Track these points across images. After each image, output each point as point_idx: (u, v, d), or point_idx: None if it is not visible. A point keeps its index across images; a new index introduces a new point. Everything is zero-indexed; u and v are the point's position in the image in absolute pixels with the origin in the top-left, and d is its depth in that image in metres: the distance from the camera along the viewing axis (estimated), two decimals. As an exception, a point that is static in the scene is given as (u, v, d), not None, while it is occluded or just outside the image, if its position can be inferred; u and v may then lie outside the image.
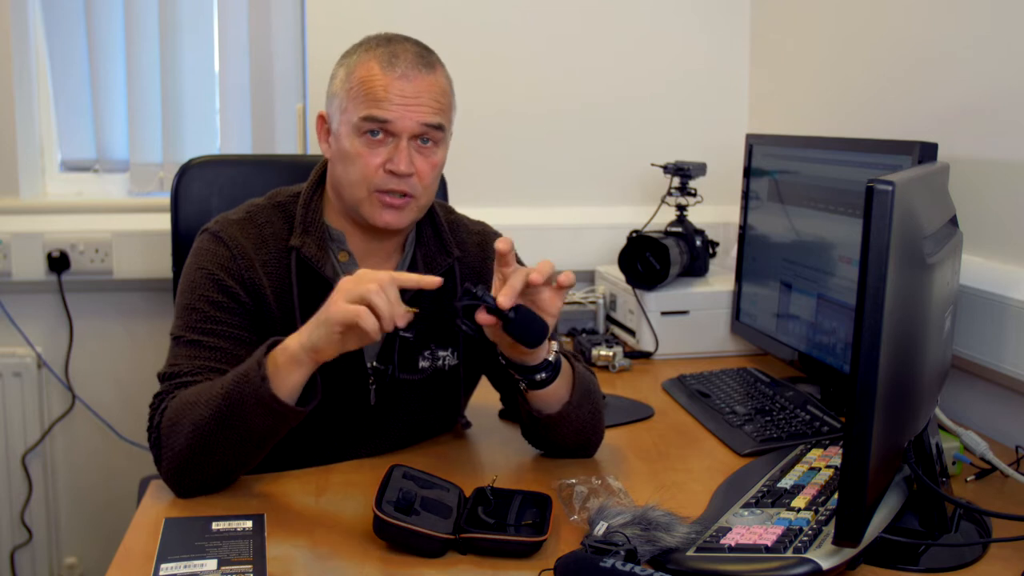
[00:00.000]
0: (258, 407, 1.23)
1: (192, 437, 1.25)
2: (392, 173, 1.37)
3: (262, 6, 2.37)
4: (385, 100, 1.36)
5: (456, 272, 1.50)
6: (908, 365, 1.10)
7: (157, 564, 1.07)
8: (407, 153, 1.38)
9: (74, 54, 2.38)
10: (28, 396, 2.34)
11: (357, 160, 1.38)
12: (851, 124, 2.06)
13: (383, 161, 1.38)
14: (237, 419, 1.23)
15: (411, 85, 1.37)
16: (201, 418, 1.24)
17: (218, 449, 1.25)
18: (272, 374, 1.23)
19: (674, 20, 2.49)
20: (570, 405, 1.39)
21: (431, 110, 1.39)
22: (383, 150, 1.38)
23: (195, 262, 1.42)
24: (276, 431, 1.27)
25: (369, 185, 1.39)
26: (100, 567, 2.39)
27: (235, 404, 1.23)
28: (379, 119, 1.37)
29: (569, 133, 2.47)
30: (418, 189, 1.40)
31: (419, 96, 1.38)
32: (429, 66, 1.41)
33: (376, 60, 1.38)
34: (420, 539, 1.13)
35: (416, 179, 1.39)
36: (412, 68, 1.38)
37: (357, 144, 1.38)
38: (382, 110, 1.36)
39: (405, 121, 1.37)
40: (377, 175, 1.38)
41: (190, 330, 1.37)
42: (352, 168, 1.39)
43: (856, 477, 0.98)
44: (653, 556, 1.08)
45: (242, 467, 1.30)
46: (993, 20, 1.64)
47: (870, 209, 0.95)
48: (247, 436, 1.25)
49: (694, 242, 2.21)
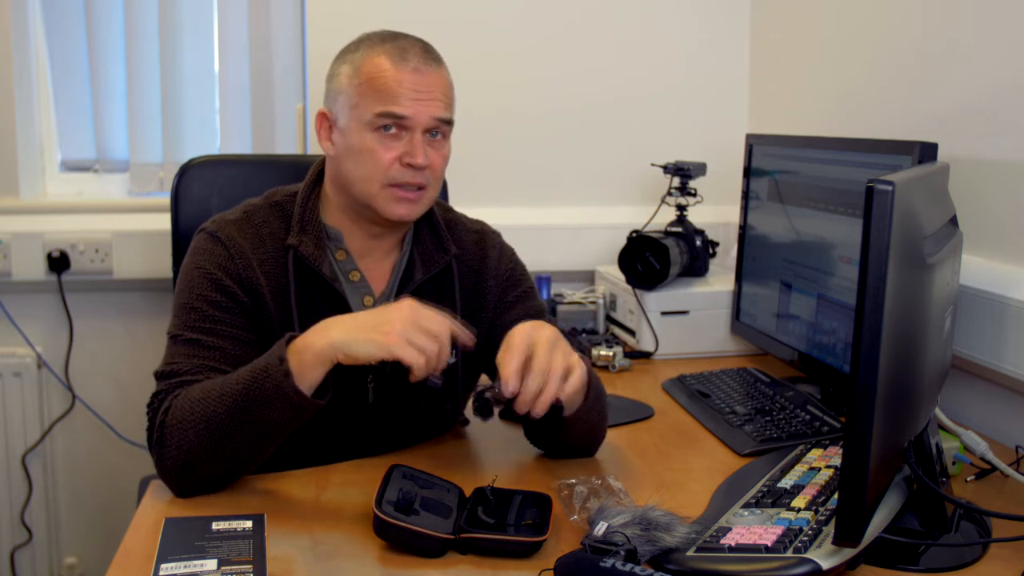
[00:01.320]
0: (279, 401, 1.23)
1: (204, 432, 1.25)
2: (410, 166, 1.39)
3: (262, 6, 2.37)
4: (400, 95, 1.38)
5: (454, 269, 1.51)
6: (908, 365, 1.10)
7: (157, 564, 1.07)
8: (423, 147, 1.39)
9: (74, 54, 2.38)
10: (28, 396, 2.34)
11: (371, 155, 1.39)
12: (851, 124, 2.06)
13: (398, 155, 1.39)
14: (256, 412, 1.24)
15: (424, 79, 1.39)
16: (215, 412, 1.24)
17: (231, 444, 1.25)
18: (295, 369, 1.23)
19: (674, 20, 2.49)
20: (585, 407, 1.39)
21: (442, 104, 1.41)
22: (397, 144, 1.39)
23: (192, 262, 1.42)
24: (291, 425, 1.28)
25: (384, 179, 1.40)
26: (100, 567, 2.39)
27: (254, 398, 1.23)
28: (396, 115, 1.38)
29: (569, 133, 2.47)
30: (430, 180, 1.43)
31: (432, 91, 1.40)
32: (436, 61, 1.43)
33: (386, 56, 1.39)
34: (420, 539, 1.13)
35: (429, 171, 1.41)
36: (423, 63, 1.39)
37: (370, 139, 1.39)
38: (399, 105, 1.38)
39: (421, 116, 1.39)
40: (392, 169, 1.39)
41: (188, 329, 1.37)
42: (365, 163, 1.40)
43: (856, 477, 0.98)
44: (653, 556, 1.08)
45: (250, 463, 1.30)
46: (993, 20, 1.64)
47: (870, 209, 0.95)
48: (263, 430, 1.25)
49: (694, 242, 2.21)
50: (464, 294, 1.52)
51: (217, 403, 1.25)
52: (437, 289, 1.50)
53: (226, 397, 1.25)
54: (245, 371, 1.27)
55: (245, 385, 1.24)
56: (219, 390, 1.26)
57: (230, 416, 1.24)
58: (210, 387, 1.28)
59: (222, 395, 1.25)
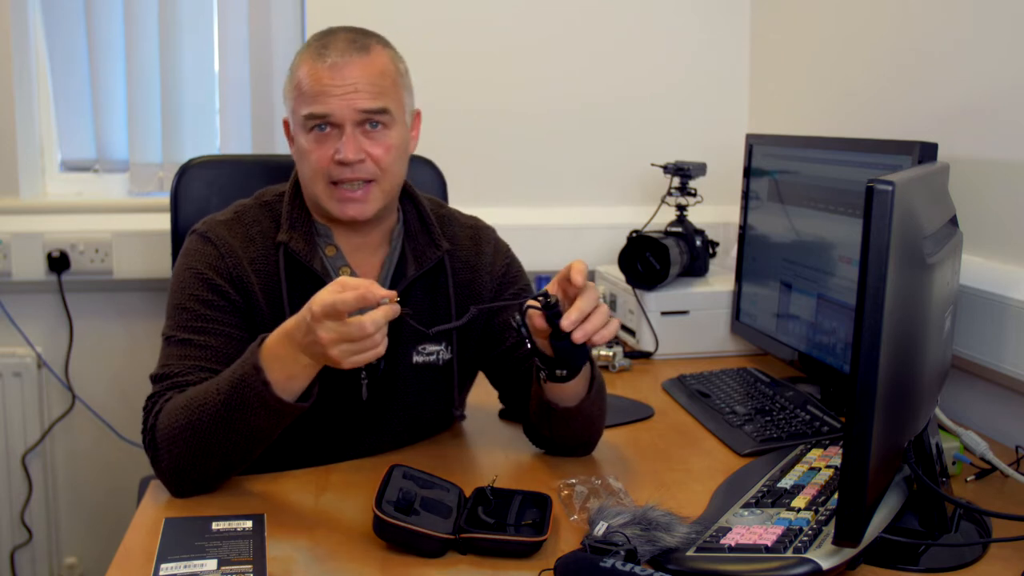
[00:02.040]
0: (261, 408, 1.23)
1: (191, 439, 1.25)
2: (341, 163, 1.39)
3: (262, 6, 2.37)
4: (320, 94, 1.37)
5: (447, 265, 1.50)
6: (908, 365, 1.10)
7: (157, 564, 1.07)
8: (353, 141, 1.38)
9: (74, 54, 2.38)
10: (28, 396, 2.34)
11: (309, 156, 1.40)
12: (851, 124, 2.06)
13: (331, 153, 1.39)
14: (239, 420, 1.24)
15: (342, 72, 1.38)
16: (199, 421, 1.25)
17: (218, 450, 1.26)
18: (276, 379, 1.23)
19: (674, 20, 2.49)
20: (587, 400, 1.39)
21: (368, 95, 1.39)
22: (331, 143, 1.39)
23: (184, 263, 1.43)
24: (275, 429, 1.28)
25: (324, 178, 1.41)
26: (100, 567, 2.39)
27: (235, 407, 1.23)
28: (316, 114, 1.38)
29: (569, 133, 2.47)
30: (377, 173, 1.41)
31: (354, 83, 1.38)
32: (363, 49, 1.40)
33: (309, 55, 1.40)
34: (420, 539, 1.13)
35: (371, 163, 1.40)
36: (342, 56, 1.38)
37: (306, 141, 1.40)
38: (319, 104, 1.38)
39: (343, 111, 1.38)
40: (330, 167, 1.40)
41: (181, 329, 1.37)
42: (306, 164, 1.42)
43: (856, 477, 0.98)
44: (653, 556, 1.08)
45: (241, 464, 1.30)
46: (993, 20, 1.64)
47: (870, 209, 0.95)
48: (251, 435, 1.26)
49: (694, 242, 2.21)
50: (458, 290, 1.52)
51: (200, 411, 1.25)
52: (430, 285, 1.50)
53: (209, 406, 1.25)
54: (224, 379, 1.26)
55: (225, 396, 1.24)
56: (201, 398, 1.26)
57: (214, 424, 1.24)
58: (194, 395, 1.28)
59: (204, 404, 1.25)
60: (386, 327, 1.19)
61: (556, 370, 1.34)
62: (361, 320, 1.17)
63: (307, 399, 1.27)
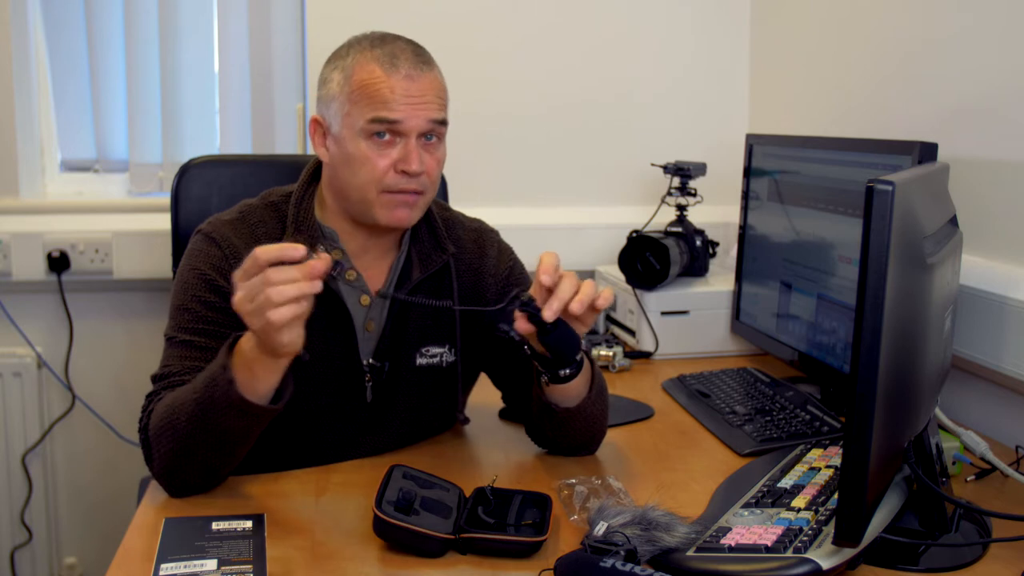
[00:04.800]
0: (230, 409, 1.22)
1: (173, 441, 1.25)
2: (404, 173, 1.38)
3: (262, 6, 2.37)
4: (392, 101, 1.36)
5: (452, 269, 1.50)
6: (908, 365, 1.10)
7: (157, 564, 1.07)
8: (417, 152, 1.38)
9: (74, 54, 2.38)
10: (28, 396, 2.34)
11: (366, 163, 1.38)
12: (851, 124, 2.06)
13: (392, 162, 1.38)
14: (212, 422, 1.23)
15: (416, 84, 1.38)
16: (179, 423, 1.24)
17: (199, 452, 1.25)
18: (242, 378, 1.20)
19: (674, 20, 2.49)
20: (588, 400, 1.39)
21: (436, 107, 1.40)
22: (391, 151, 1.38)
23: (188, 263, 1.42)
24: (251, 431, 1.26)
25: (379, 186, 1.39)
26: (100, 567, 2.39)
27: (207, 408, 1.22)
28: (388, 120, 1.36)
29: (569, 133, 2.47)
30: (427, 185, 1.41)
31: (424, 94, 1.38)
32: (428, 63, 1.41)
33: (376, 62, 1.38)
34: (420, 539, 1.13)
35: (425, 176, 1.40)
36: (414, 67, 1.38)
37: (364, 147, 1.38)
38: (391, 111, 1.36)
39: (414, 120, 1.37)
40: (388, 176, 1.38)
41: (182, 330, 1.37)
42: (360, 171, 1.38)
43: (856, 477, 0.98)
44: (653, 556, 1.08)
45: (227, 466, 1.30)
46: (993, 20, 1.64)
47: (870, 209, 0.95)
48: (225, 438, 1.25)
49: (694, 242, 2.21)
50: (462, 292, 1.52)
51: (180, 412, 1.25)
52: (435, 288, 1.50)
53: (187, 406, 1.24)
54: (200, 377, 1.25)
55: (199, 396, 1.23)
56: (181, 399, 1.26)
57: (192, 425, 1.24)
58: (176, 396, 1.27)
59: (183, 404, 1.25)
60: (287, 272, 1.14)
61: (558, 370, 1.34)
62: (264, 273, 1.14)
63: (279, 401, 1.25)
